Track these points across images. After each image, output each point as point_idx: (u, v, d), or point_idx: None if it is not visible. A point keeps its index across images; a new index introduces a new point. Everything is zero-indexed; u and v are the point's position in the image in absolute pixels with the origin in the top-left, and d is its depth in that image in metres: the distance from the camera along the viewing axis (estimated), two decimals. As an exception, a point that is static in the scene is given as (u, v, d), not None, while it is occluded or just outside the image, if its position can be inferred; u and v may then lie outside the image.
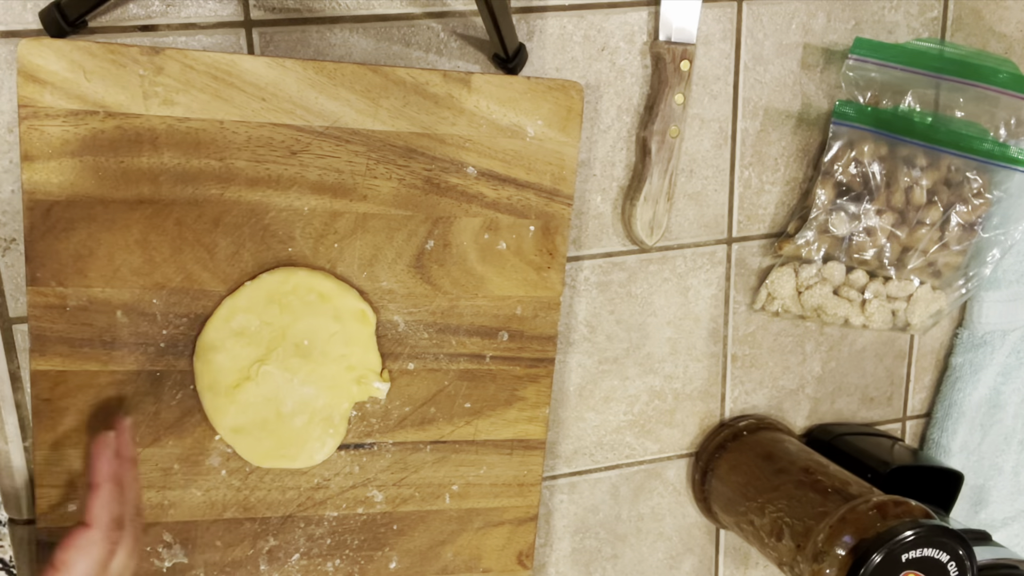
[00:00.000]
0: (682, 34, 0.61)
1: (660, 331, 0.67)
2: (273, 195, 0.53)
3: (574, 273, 0.64)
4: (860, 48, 0.63)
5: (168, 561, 0.57)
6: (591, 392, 0.67)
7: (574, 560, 0.70)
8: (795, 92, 0.66)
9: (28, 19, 0.51)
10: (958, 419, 0.74)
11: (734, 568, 0.74)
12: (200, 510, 0.56)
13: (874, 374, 0.74)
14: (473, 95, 0.55)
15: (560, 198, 0.58)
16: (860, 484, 0.59)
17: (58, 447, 0.53)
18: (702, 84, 0.63)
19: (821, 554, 0.55)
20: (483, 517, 0.62)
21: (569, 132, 0.57)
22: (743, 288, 0.68)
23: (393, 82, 0.54)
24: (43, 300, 0.51)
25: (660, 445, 0.69)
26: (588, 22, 0.60)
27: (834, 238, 0.65)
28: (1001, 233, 0.66)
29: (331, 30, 0.56)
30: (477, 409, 0.60)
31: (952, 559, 0.54)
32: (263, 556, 0.58)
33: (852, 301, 0.67)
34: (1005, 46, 0.70)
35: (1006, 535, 0.81)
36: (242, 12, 0.54)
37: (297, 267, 0.55)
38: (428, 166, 0.55)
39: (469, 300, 0.58)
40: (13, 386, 0.56)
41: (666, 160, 0.62)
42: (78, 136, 0.50)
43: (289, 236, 0.54)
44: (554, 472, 0.67)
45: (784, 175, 0.67)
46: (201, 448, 0.56)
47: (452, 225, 0.57)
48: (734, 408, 0.71)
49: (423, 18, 0.57)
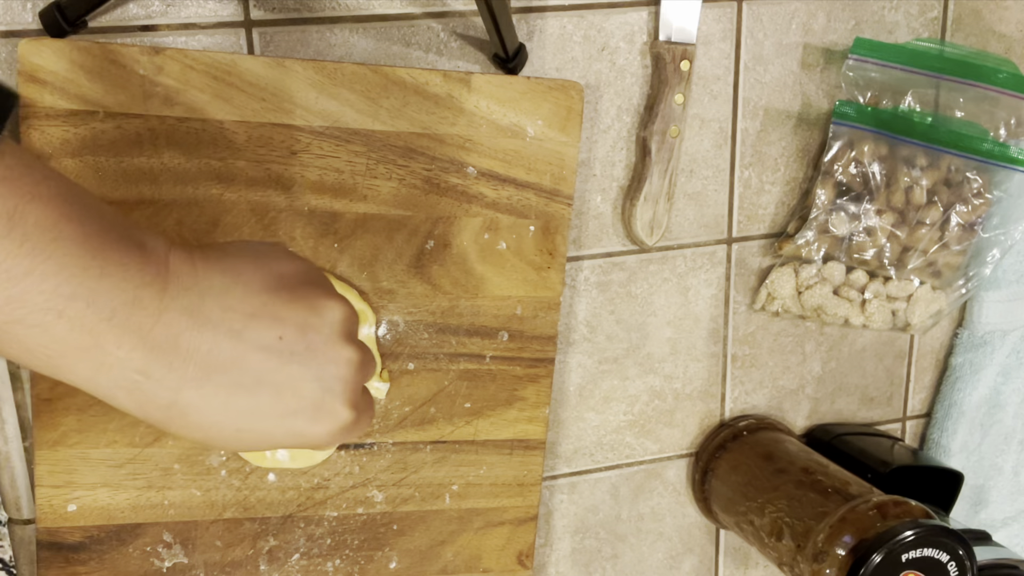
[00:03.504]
0: (682, 34, 0.61)
1: (660, 331, 0.67)
2: (273, 195, 0.53)
3: (574, 273, 0.64)
4: (860, 48, 0.63)
5: (168, 561, 0.57)
6: (591, 392, 0.67)
7: (574, 560, 0.70)
8: (795, 92, 0.66)
9: (28, 19, 0.51)
10: (958, 419, 0.74)
11: (734, 568, 0.74)
12: (200, 510, 0.56)
13: (874, 374, 0.74)
14: (473, 95, 0.55)
15: (560, 198, 0.58)
16: (860, 484, 0.59)
17: (58, 447, 0.53)
18: (702, 84, 0.63)
19: (821, 554, 0.55)
20: (483, 517, 0.62)
21: (569, 132, 0.57)
22: (743, 288, 0.68)
23: (393, 82, 0.54)
24: (43, 300, 0.51)
25: (660, 445, 0.69)
26: (588, 22, 0.60)
27: (834, 238, 0.65)
28: (1001, 233, 0.66)
29: (331, 30, 0.56)
30: (477, 409, 0.60)
31: (952, 559, 0.54)
32: (263, 556, 0.58)
33: (852, 301, 0.67)
34: (1005, 46, 0.70)
35: (1006, 535, 0.81)
36: (242, 12, 0.54)
37: (297, 267, 0.55)
38: (428, 166, 0.55)
39: (469, 300, 0.58)
40: (13, 386, 0.56)
41: (666, 160, 0.62)
42: (78, 136, 0.50)
43: (289, 236, 0.54)
44: (554, 472, 0.67)
45: (784, 175, 0.67)
46: (201, 448, 0.56)
47: (452, 225, 0.57)
48: (734, 408, 0.71)
49: (423, 18, 0.57)
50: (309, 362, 0.35)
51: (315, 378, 0.35)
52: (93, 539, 0.55)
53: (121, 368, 0.31)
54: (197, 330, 0.33)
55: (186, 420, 0.33)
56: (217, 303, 0.33)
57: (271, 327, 0.34)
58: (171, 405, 0.33)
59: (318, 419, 0.36)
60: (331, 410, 0.36)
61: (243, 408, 0.34)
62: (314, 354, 0.35)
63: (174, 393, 0.32)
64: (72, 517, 0.54)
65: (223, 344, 0.33)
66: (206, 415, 0.33)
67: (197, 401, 0.33)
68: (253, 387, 0.34)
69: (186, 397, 0.33)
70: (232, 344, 0.33)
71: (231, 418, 0.34)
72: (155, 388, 0.32)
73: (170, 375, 0.32)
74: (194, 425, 0.33)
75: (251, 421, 0.34)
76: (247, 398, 0.34)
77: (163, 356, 0.32)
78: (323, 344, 0.36)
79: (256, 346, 0.34)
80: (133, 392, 0.32)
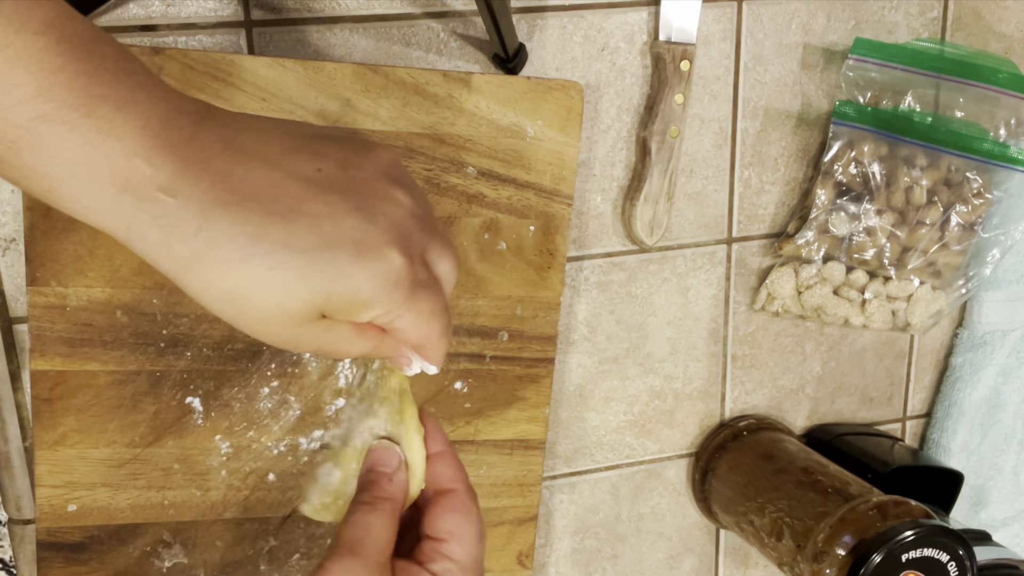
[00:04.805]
0: (682, 34, 0.61)
1: (660, 331, 0.67)
2: (273, 195, 0.53)
3: (574, 273, 0.64)
4: (860, 48, 0.63)
5: (168, 561, 0.57)
6: (591, 392, 0.67)
7: (574, 560, 0.70)
8: (795, 92, 0.66)
9: (28, 19, 0.51)
10: (958, 419, 0.74)
11: (734, 568, 0.74)
12: (200, 510, 0.56)
13: (874, 374, 0.74)
14: (473, 95, 0.55)
15: (560, 198, 0.58)
16: (860, 484, 0.59)
17: (58, 447, 0.53)
18: (702, 84, 0.63)
19: (821, 554, 0.55)
20: (483, 517, 0.61)
21: (569, 132, 0.57)
22: (743, 288, 0.68)
23: (393, 82, 0.54)
24: (43, 300, 0.51)
25: (660, 445, 0.69)
26: (588, 22, 0.60)
27: (834, 238, 0.65)
28: (1001, 233, 0.66)
29: (331, 30, 0.56)
30: (477, 409, 0.60)
31: (952, 559, 0.54)
32: (263, 556, 0.58)
33: (852, 301, 0.67)
34: (1005, 46, 0.70)
35: (1006, 535, 0.81)
36: (242, 12, 0.54)
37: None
38: (428, 166, 0.55)
39: (469, 300, 0.58)
40: (13, 386, 0.56)
41: (666, 160, 0.62)
42: (78, 136, 0.50)
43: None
44: (554, 472, 0.67)
45: (784, 175, 0.67)
46: (201, 448, 0.56)
47: (452, 225, 0.57)
48: (734, 408, 0.71)
49: (423, 18, 0.57)
50: (351, 193, 0.32)
51: (356, 208, 0.32)
52: (93, 539, 0.55)
53: (147, 185, 0.29)
54: (231, 155, 0.31)
55: (214, 254, 0.30)
56: (254, 137, 0.32)
57: (310, 160, 0.32)
58: (198, 232, 0.30)
59: (362, 257, 0.32)
60: (376, 248, 0.32)
61: (277, 238, 0.30)
62: (357, 187, 0.33)
63: (202, 217, 0.30)
64: (72, 517, 0.54)
65: (257, 170, 0.31)
66: (236, 246, 0.30)
67: (227, 227, 0.30)
68: (288, 214, 0.31)
69: (215, 223, 0.30)
70: (267, 171, 0.31)
71: (263, 249, 0.30)
72: (182, 210, 0.29)
73: (199, 193, 0.30)
74: (222, 261, 0.30)
75: (286, 254, 0.30)
76: (282, 224, 0.30)
77: (193, 172, 0.30)
78: (367, 179, 0.33)
79: (293, 175, 0.31)
80: (159, 217, 0.29)
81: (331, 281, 0.31)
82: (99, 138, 0.28)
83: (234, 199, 0.30)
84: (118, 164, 0.29)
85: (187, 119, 0.30)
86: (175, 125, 0.30)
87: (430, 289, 0.34)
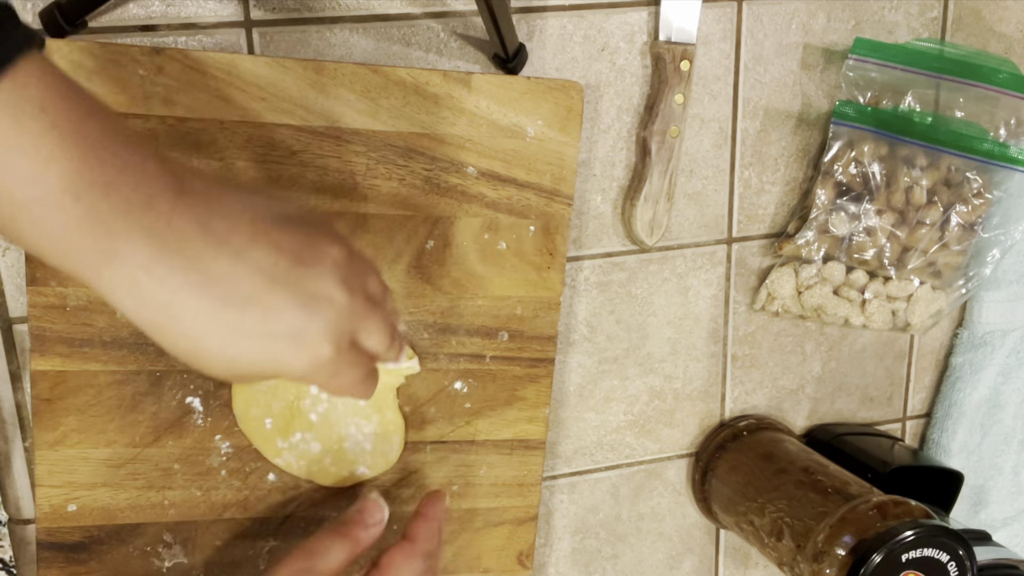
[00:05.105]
0: (682, 34, 0.61)
1: (660, 331, 0.67)
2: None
3: (574, 273, 0.64)
4: (860, 48, 0.63)
5: (168, 561, 0.57)
6: (591, 392, 0.67)
7: (574, 560, 0.70)
8: (795, 92, 0.66)
9: (28, 19, 0.51)
10: (958, 419, 0.74)
11: (734, 568, 0.74)
12: (200, 510, 0.56)
13: (874, 374, 0.74)
14: (473, 95, 0.55)
15: (560, 198, 0.58)
16: (860, 484, 0.59)
17: (58, 447, 0.53)
18: (702, 84, 0.63)
19: (821, 554, 0.55)
20: (483, 517, 0.62)
21: (569, 132, 0.57)
22: (743, 288, 0.68)
23: (393, 82, 0.54)
24: (43, 300, 0.51)
25: (660, 445, 0.69)
26: (588, 22, 0.60)
27: (834, 238, 0.65)
28: (1001, 233, 0.66)
29: (331, 30, 0.56)
30: (477, 409, 0.60)
31: (952, 559, 0.54)
32: (263, 556, 0.58)
33: (852, 301, 0.67)
34: (1005, 46, 0.70)
35: (1006, 535, 0.81)
36: (242, 12, 0.54)
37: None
38: (428, 166, 0.55)
39: (469, 300, 0.58)
40: (13, 386, 0.56)
41: (666, 160, 0.62)
42: (78, 136, 0.50)
43: (289, 236, 0.54)
44: (554, 472, 0.67)
45: (784, 175, 0.67)
46: (201, 448, 0.56)
47: (452, 225, 0.57)
48: (734, 408, 0.71)
49: (423, 18, 0.57)
50: (297, 292, 0.37)
51: (299, 306, 0.37)
52: (93, 539, 0.55)
53: (126, 263, 0.33)
54: (203, 241, 0.35)
55: (178, 325, 0.35)
56: (225, 222, 0.36)
57: (269, 253, 0.37)
58: (167, 306, 0.34)
59: (297, 347, 0.38)
60: (311, 341, 0.38)
61: (230, 322, 0.36)
62: (303, 286, 0.37)
63: (172, 294, 0.34)
64: (72, 517, 0.54)
65: (222, 259, 0.35)
66: (197, 323, 0.35)
67: (192, 307, 0.35)
68: (242, 304, 0.36)
69: (182, 301, 0.35)
70: (232, 262, 0.36)
71: (218, 330, 0.36)
72: (155, 287, 0.34)
73: (171, 276, 0.34)
74: (184, 332, 0.35)
75: (236, 336, 0.36)
76: (235, 313, 0.36)
77: (167, 257, 0.34)
78: (313, 279, 0.38)
79: (253, 268, 0.36)
80: (133, 290, 0.34)
81: (270, 363, 0.37)
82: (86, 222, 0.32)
83: (200, 281, 0.35)
84: (102, 244, 0.33)
85: (164, 198, 0.34)
86: (154, 206, 0.33)
87: (353, 366, 0.41)
